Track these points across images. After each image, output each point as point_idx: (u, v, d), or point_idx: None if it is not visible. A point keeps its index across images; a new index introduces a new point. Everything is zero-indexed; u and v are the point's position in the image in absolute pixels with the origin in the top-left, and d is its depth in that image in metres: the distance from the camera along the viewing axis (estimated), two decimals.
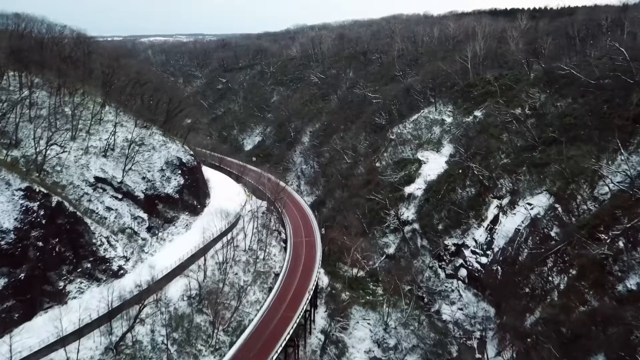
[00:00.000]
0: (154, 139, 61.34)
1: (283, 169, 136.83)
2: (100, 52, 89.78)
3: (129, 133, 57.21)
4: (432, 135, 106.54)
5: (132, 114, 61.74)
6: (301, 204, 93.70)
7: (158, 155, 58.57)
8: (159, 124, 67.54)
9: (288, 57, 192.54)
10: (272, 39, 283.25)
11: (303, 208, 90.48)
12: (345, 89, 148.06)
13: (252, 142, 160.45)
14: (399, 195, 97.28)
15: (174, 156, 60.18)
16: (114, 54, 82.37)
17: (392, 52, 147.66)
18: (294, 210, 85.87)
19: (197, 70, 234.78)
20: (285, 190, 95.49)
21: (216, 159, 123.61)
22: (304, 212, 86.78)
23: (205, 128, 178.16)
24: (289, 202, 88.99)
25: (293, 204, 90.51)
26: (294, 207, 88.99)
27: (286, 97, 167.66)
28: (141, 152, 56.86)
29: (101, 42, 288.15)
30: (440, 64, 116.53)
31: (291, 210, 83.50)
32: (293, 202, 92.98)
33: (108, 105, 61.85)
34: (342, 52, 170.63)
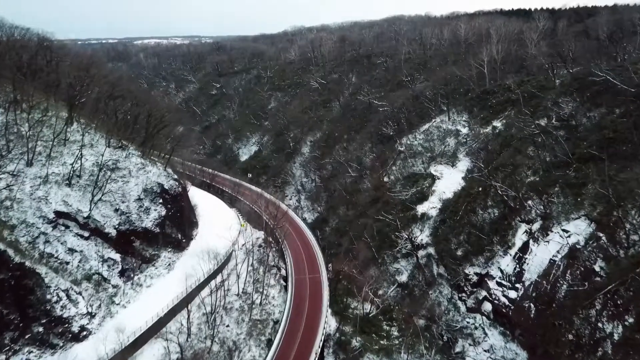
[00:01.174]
0: (131, 161, 53.05)
1: (282, 182, 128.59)
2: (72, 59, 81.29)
3: (100, 155, 48.97)
4: (446, 148, 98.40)
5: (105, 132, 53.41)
6: (303, 230, 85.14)
7: (135, 181, 50.30)
8: (137, 144, 59.09)
9: (286, 61, 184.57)
10: (269, 41, 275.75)
11: (305, 235, 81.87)
12: (348, 95, 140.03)
13: (248, 151, 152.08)
14: (411, 215, 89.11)
15: (154, 182, 51.91)
16: (83, 61, 73.28)
17: (398, 55, 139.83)
18: (295, 237, 77.36)
19: (190, 74, 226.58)
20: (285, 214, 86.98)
21: (207, 175, 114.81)
22: (306, 240, 78.28)
23: (197, 137, 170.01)
24: (289, 228, 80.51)
25: (294, 230, 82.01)
26: (295, 233, 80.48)
27: (284, 104, 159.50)
28: (114, 179, 48.66)
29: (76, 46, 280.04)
30: (453, 69, 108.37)
31: (292, 239, 75.00)
32: (294, 228, 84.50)
33: (76, 122, 53.55)
34: (343, 55, 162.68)
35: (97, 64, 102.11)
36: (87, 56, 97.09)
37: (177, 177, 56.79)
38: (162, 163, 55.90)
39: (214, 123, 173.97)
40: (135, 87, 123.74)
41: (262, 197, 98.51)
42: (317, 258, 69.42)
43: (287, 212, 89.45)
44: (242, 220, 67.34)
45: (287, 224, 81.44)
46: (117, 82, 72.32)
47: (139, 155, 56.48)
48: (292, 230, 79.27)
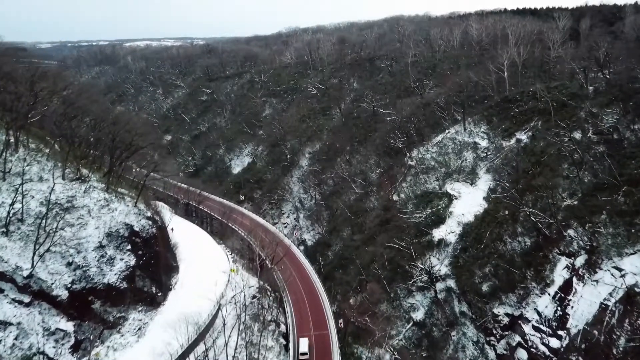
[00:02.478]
0: (91, 197, 43.27)
1: (278, 199, 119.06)
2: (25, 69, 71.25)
3: (50, 191, 39.21)
4: (464, 163, 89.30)
5: (59, 160, 43.31)
6: (305, 268, 75.07)
7: (95, 223, 40.57)
8: (102, 173, 48.96)
9: (281, 65, 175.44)
10: (263, 43, 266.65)
11: (308, 275, 71.68)
12: (350, 102, 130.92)
13: (241, 163, 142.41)
14: (427, 242, 79.93)
15: (120, 223, 42.20)
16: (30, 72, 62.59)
17: (404, 58, 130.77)
18: (297, 279, 67.38)
19: (179, 79, 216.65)
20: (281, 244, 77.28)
21: (194, 196, 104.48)
22: (310, 282, 68.34)
23: (186, 146, 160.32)
24: (289, 265, 70.57)
25: (295, 268, 72.04)
26: (297, 273, 70.43)
27: (280, 111, 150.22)
28: (68, 222, 38.81)
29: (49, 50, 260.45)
30: (469, 74, 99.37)
31: (293, 281, 64.93)
32: (295, 265, 74.66)
33: (23, 147, 43.66)
34: (343, 58, 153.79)
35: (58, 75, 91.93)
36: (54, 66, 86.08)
37: (151, 214, 46.69)
38: (133, 197, 45.92)
39: (204, 132, 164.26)
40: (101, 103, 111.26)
41: (258, 225, 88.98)
42: (324, 307, 59.59)
43: (289, 247, 79.84)
44: (232, 264, 57.53)
45: (286, 260, 71.53)
46: (77, 98, 61.27)
47: (102, 188, 45.58)
48: (293, 269, 69.39)
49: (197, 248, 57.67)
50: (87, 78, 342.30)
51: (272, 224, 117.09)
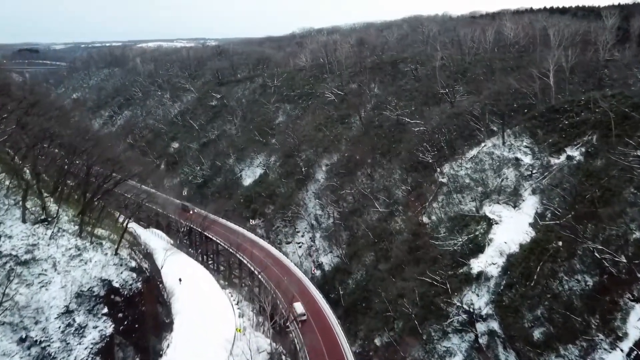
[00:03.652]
0: (58, 245, 34.85)
1: (292, 216, 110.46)
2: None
3: (6, 239, 30.98)
4: (504, 182, 79.93)
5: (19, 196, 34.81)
6: (328, 317, 65.75)
7: (62, 281, 32.01)
8: (74, 212, 40.00)
9: (295, 68, 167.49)
10: (276, 45, 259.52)
11: (331, 327, 62.38)
12: (371, 110, 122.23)
13: (253, 174, 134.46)
14: (464, 275, 70.84)
15: (95, 278, 33.64)
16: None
17: (430, 61, 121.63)
18: (317, 333, 58.36)
19: (188, 82, 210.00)
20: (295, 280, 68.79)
21: (199, 219, 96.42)
22: (331, 334, 59.18)
23: (195, 155, 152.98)
24: (307, 313, 61.79)
25: (315, 316, 63.04)
26: (316, 321, 61.40)
27: (294, 119, 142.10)
28: (25, 280, 30.48)
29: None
30: (509, 80, 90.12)
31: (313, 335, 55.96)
32: (315, 312, 65.52)
33: None
34: (363, 61, 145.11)
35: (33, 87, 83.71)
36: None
37: (137, 263, 38.14)
38: (115, 240, 37.48)
39: (213, 140, 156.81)
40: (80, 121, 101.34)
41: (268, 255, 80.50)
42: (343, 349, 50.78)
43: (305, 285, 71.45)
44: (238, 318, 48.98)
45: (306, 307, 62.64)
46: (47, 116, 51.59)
47: (74, 232, 37.16)
48: (313, 318, 60.52)
49: (197, 295, 49.25)
50: (96, 80, 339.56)
51: (286, 242, 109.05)
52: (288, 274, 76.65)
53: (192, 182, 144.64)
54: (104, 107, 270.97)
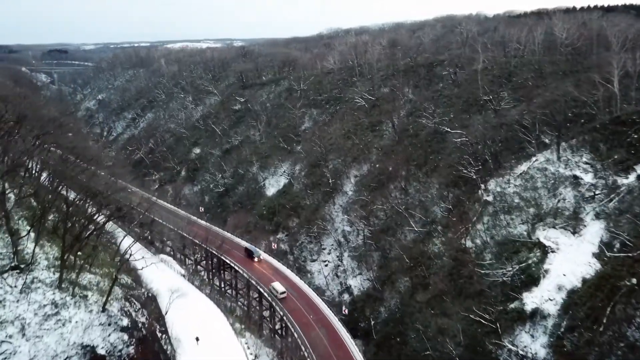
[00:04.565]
0: (31, 301, 28.59)
1: (317, 231, 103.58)
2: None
3: None
4: (560, 203, 71.43)
5: None
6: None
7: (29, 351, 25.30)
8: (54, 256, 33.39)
9: (323, 70, 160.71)
10: (303, 46, 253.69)
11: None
12: (405, 117, 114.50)
13: (276, 184, 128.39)
14: (516, 311, 62.89)
15: (75, 345, 27.10)
16: None
17: (471, 64, 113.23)
18: None
19: (211, 84, 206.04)
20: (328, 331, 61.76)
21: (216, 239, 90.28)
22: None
23: (217, 162, 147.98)
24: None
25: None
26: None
27: (321, 125, 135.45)
28: None
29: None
30: (566, 87, 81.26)
31: None
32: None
33: None
34: (395, 64, 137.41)
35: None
36: None
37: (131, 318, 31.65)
38: (103, 291, 32.73)
39: (236, 146, 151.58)
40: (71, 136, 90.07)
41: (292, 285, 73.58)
42: None
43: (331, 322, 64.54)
44: None
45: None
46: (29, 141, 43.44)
47: (51, 283, 30.57)
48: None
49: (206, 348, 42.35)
50: (121, 81, 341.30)
51: (311, 260, 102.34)
52: (313, 309, 69.31)
53: (213, 191, 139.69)
54: (127, 109, 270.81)
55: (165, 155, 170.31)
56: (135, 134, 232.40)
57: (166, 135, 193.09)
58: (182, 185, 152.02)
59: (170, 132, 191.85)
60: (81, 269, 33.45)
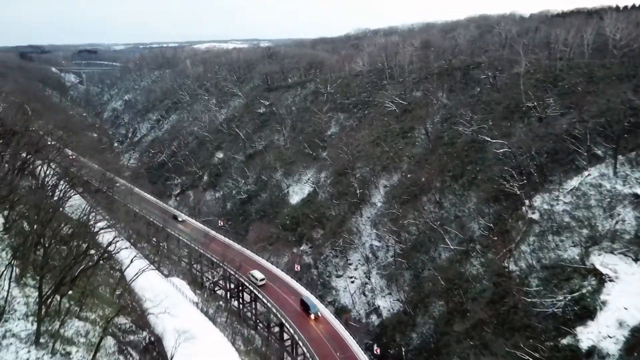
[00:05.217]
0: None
1: (343, 244, 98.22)
2: None
3: None
4: (619, 225, 64.33)
5: None
6: None
7: None
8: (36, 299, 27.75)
9: (351, 73, 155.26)
10: (330, 47, 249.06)
11: None
12: (439, 123, 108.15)
13: (301, 192, 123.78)
14: (569, 349, 56.31)
15: None
16: None
17: (512, 67, 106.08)
18: None
19: (236, 86, 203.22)
20: None
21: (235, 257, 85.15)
22: None
23: (240, 168, 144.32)
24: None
25: None
26: None
27: (348, 130, 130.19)
28: None
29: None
30: (624, 92, 73.76)
31: None
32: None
33: None
34: (428, 66, 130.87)
35: None
36: None
37: None
38: (91, 345, 27.22)
39: (260, 151, 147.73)
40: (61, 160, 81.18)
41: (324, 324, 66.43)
42: None
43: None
44: None
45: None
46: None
47: (27, 337, 25.66)
48: None
49: None
50: (147, 82, 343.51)
51: (336, 276, 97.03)
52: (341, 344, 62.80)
53: (235, 198, 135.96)
54: (152, 111, 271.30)
55: (187, 159, 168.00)
56: (159, 135, 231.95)
57: (189, 138, 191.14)
58: (204, 190, 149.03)
59: (193, 134, 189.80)
60: (68, 315, 28.79)
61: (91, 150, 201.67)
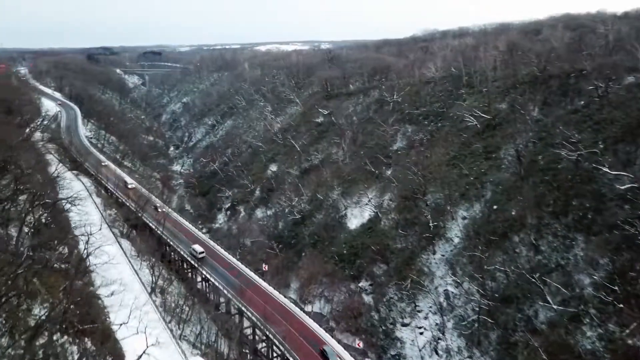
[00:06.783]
0: None
1: (410, 286, 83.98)
2: None
3: None
4: None
5: None
6: None
7: None
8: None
9: (422, 80, 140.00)
10: (396, 50, 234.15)
11: None
12: (531, 142, 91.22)
13: (360, 216, 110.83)
14: None
15: None
16: None
17: (624, 78, 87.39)
18: None
19: (293, 92, 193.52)
20: None
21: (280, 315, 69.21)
22: None
23: (293, 184, 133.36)
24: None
25: None
26: None
27: (418, 146, 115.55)
28: None
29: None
30: None
31: None
32: None
33: None
34: (516, 73, 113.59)
35: None
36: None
37: None
38: None
39: (316, 165, 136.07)
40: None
41: None
42: None
43: None
44: None
45: None
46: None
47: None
48: None
49: None
50: (205, 85, 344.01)
51: (402, 325, 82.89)
52: None
53: (287, 218, 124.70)
54: (208, 115, 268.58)
55: (239, 170, 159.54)
56: (214, 141, 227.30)
57: (243, 147, 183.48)
58: (255, 207, 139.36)
59: (247, 143, 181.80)
60: None
61: (143, 156, 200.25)
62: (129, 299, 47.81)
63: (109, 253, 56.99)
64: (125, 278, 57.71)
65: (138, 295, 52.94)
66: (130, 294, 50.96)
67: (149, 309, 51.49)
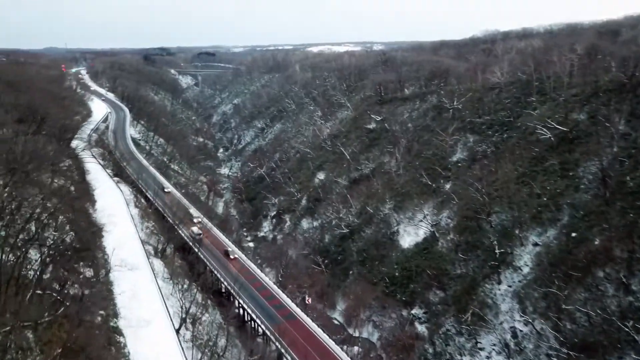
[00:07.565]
0: None
1: (471, 319, 75.06)
2: None
3: None
4: None
5: None
6: None
7: None
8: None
9: (485, 86, 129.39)
10: (455, 52, 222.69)
11: None
12: (616, 159, 79.72)
13: (414, 234, 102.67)
14: None
15: None
16: None
17: None
18: None
19: (344, 96, 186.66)
20: None
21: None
22: None
23: (341, 194, 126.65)
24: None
25: None
26: None
27: (481, 158, 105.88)
28: None
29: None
30: None
31: None
32: None
33: None
34: (597, 80, 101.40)
35: None
36: None
37: None
38: None
39: (366, 175, 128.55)
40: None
41: None
42: None
43: None
44: None
45: None
46: None
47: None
48: None
49: None
50: (256, 87, 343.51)
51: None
52: None
53: (335, 231, 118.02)
54: (258, 118, 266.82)
55: (286, 177, 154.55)
56: (262, 145, 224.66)
57: (291, 152, 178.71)
58: (301, 217, 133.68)
59: (295, 149, 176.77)
60: None
61: (191, 158, 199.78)
62: (154, 334, 42.89)
63: (136, 279, 52.63)
64: (151, 308, 52.91)
65: (163, 331, 48.04)
66: (154, 329, 46.20)
67: (175, 350, 46.09)
